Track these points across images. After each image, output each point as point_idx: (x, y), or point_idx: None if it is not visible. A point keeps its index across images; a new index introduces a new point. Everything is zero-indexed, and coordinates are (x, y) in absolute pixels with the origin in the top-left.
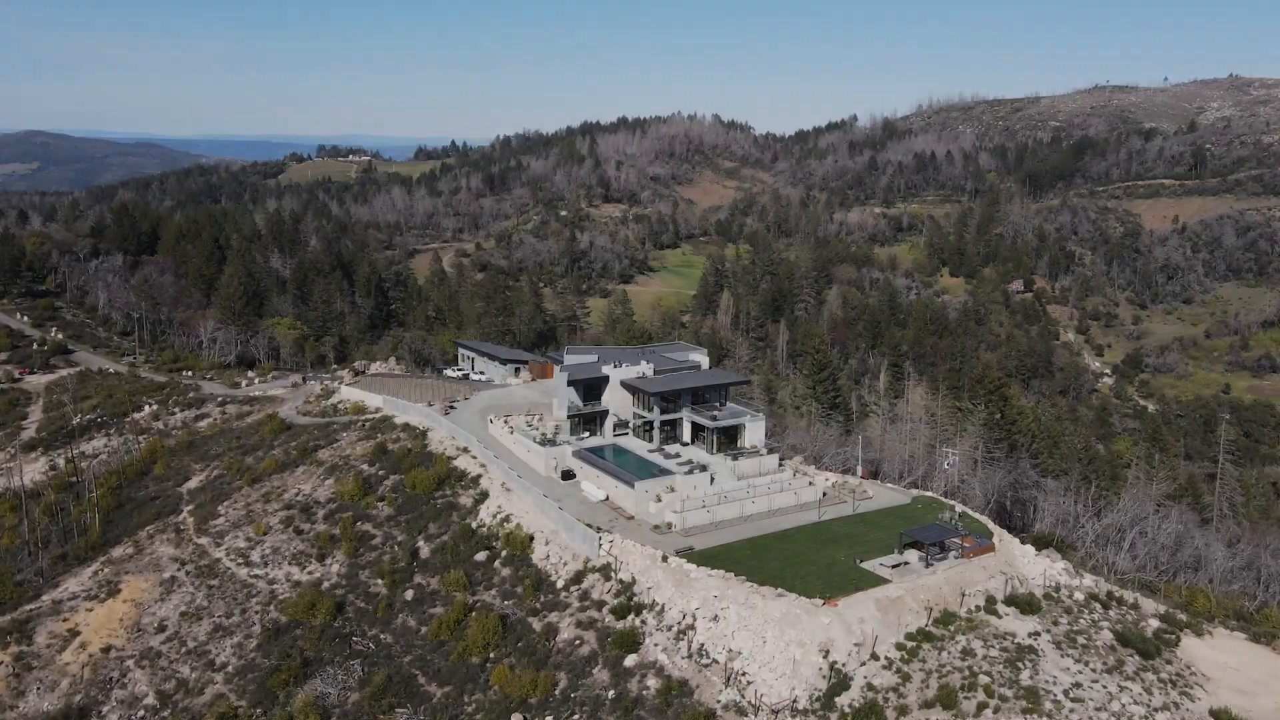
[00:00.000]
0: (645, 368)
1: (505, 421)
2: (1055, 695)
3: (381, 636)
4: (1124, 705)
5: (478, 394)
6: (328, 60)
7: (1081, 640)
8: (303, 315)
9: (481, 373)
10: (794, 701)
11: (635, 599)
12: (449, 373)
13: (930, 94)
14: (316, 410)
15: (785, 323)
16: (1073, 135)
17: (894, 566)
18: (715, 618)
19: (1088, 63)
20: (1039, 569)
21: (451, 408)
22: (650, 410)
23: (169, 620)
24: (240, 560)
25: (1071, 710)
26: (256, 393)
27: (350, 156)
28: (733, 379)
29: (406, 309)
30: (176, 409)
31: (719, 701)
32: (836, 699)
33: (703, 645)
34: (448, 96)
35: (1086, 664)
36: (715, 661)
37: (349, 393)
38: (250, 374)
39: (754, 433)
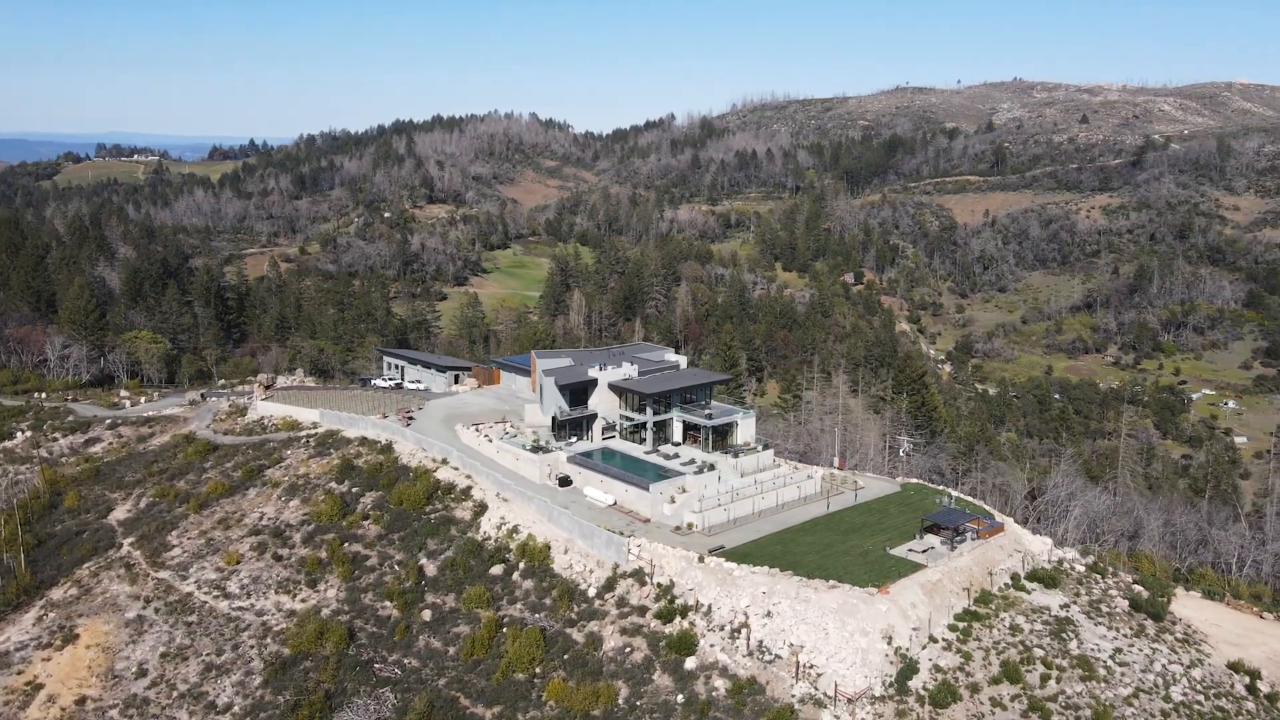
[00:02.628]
0: (630, 369)
1: (477, 430)
2: (1104, 661)
3: (406, 661)
4: (1165, 665)
5: (429, 404)
6: (92, 50)
7: (1104, 609)
8: (156, 328)
9: (417, 381)
10: (869, 689)
11: (677, 601)
12: (379, 383)
13: (744, 93)
14: (239, 428)
15: (640, 321)
16: (881, 134)
17: (923, 551)
18: (768, 614)
19: (888, 64)
20: (1042, 546)
21: (410, 419)
22: (641, 412)
23: (149, 663)
24: (216, 592)
25: (1122, 674)
26: (149, 412)
27: (136, 156)
28: (718, 378)
29: (249, 318)
30: (57, 434)
31: (793, 696)
32: (908, 683)
33: (761, 642)
34: (242, 93)
35: (1117, 630)
36: (778, 657)
37: (270, 408)
38: (123, 394)
39: (746, 430)
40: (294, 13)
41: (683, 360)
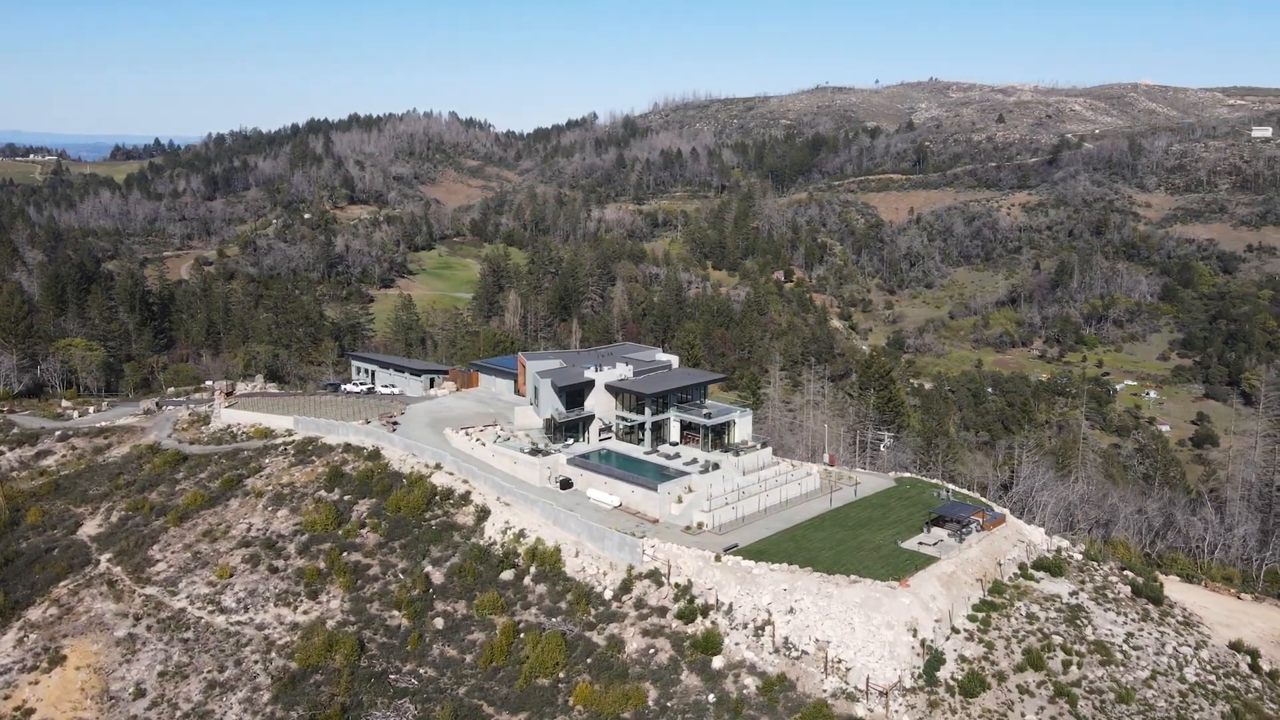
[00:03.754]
0: (625, 370)
1: (467, 433)
2: (1120, 646)
3: (421, 670)
4: (1175, 648)
5: (410, 408)
6: None
7: (1109, 595)
8: (89, 335)
9: (391, 386)
10: (900, 681)
11: (697, 601)
12: (349, 388)
13: (666, 92)
14: (205, 437)
15: (576, 321)
16: (804, 133)
17: (933, 544)
18: (791, 610)
19: (806, 64)
20: (1039, 535)
21: (395, 424)
22: (639, 412)
23: (146, 683)
24: (211, 607)
25: (1138, 657)
26: (102, 423)
27: (32, 156)
28: (713, 377)
29: (175, 324)
30: (3, 447)
31: (824, 691)
32: (936, 673)
33: (787, 638)
34: (145, 91)
35: (1124, 615)
36: (805, 653)
37: (236, 415)
38: (65, 404)
39: (743, 428)
40: (198, 9)
41: (674, 360)
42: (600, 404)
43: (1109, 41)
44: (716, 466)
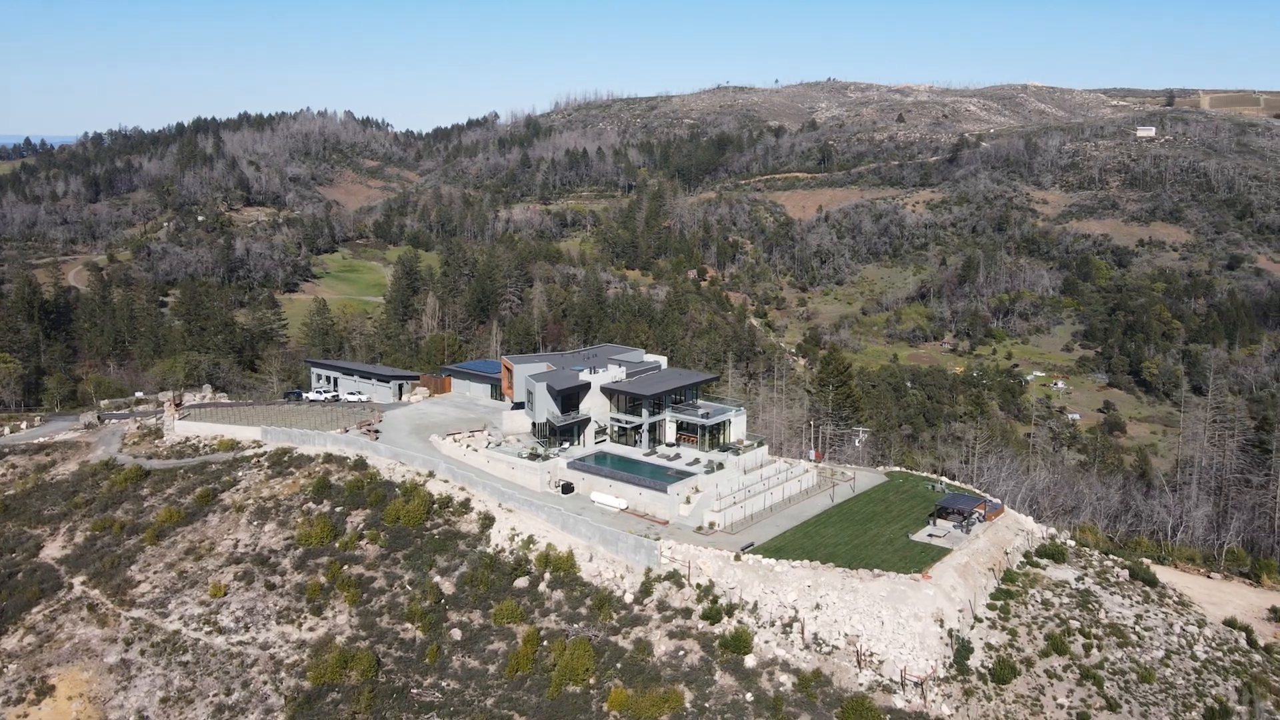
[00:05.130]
0: (618, 371)
1: (455, 440)
2: (1133, 628)
3: (443, 683)
4: (1182, 627)
5: (387, 415)
6: None
7: (1111, 579)
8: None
9: (357, 393)
10: (934, 672)
11: (720, 601)
12: (312, 396)
13: (567, 92)
14: (164, 451)
15: (496, 323)
16: (707, 132)
17: (943, 536)
18: (817, 606)
19: (706, 63)
20: (1033, 524)
21: (376, 432)
22: (636, 414)
23: (148, 710)
24: (208, 628)
25: (1150, 638)
26: (40, 439)
27: None
28: (705, 377)
29: (77, 333)
30: None
31: (860, 684)
32: (967, 662)
33: (816, 634)
34: (9, 88)
35: (1128, 598)
36: (836, 648)
37: (194, 428)
38: None
39: (738, 427)
40: (70, 5)
41: (663, 361)
42: (596, 406)
43: (998, 42)
44: (721, 466)
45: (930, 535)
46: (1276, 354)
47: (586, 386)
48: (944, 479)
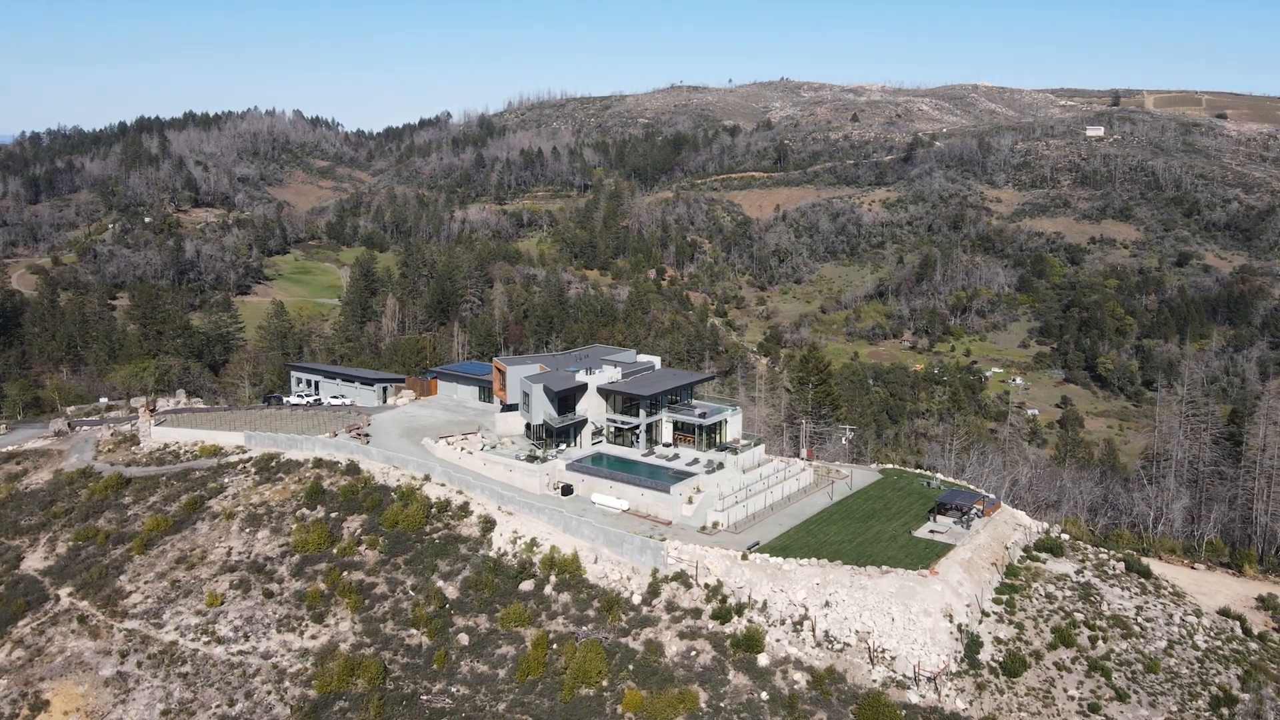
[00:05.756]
0: (614, 372)
1: (448, 442)
2: (1135, 619)
3: (453, 689)
4: (1181, 618)
5: (376, 419)
6: None
7: (1109, 571)
8: None
9: (340, 396)
10: (947, 667)
11: (729, 601)
12: (293, 400)
13: (521, 91)
14: (143, 458)
15: (457, 324)
16: (662, 131)
17: (944, 532)
18: (827, 604)
19: (659, 62)
20: (1027, 519)
21: (366, 436)
22: (633, 415)
23: None
24: (206, 638)
25: (1153, 629)
26: (9, 446)
27: None
28: (701, 376)
29: (26, 338)
30: None
31: (874, 681)
32: (978, 656)
33: (827, 632)
34: None
35: (1127, 590)
36: (848, 645)
37: (172, 434)
38: None
39: (734, 426)
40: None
41: (656, 361)
42: (593, 408)
43: (947, 42)
44: (721, 466)
45: (932, 531)
46: (1226, 348)
47: (583, 387)
48: (939, 475)
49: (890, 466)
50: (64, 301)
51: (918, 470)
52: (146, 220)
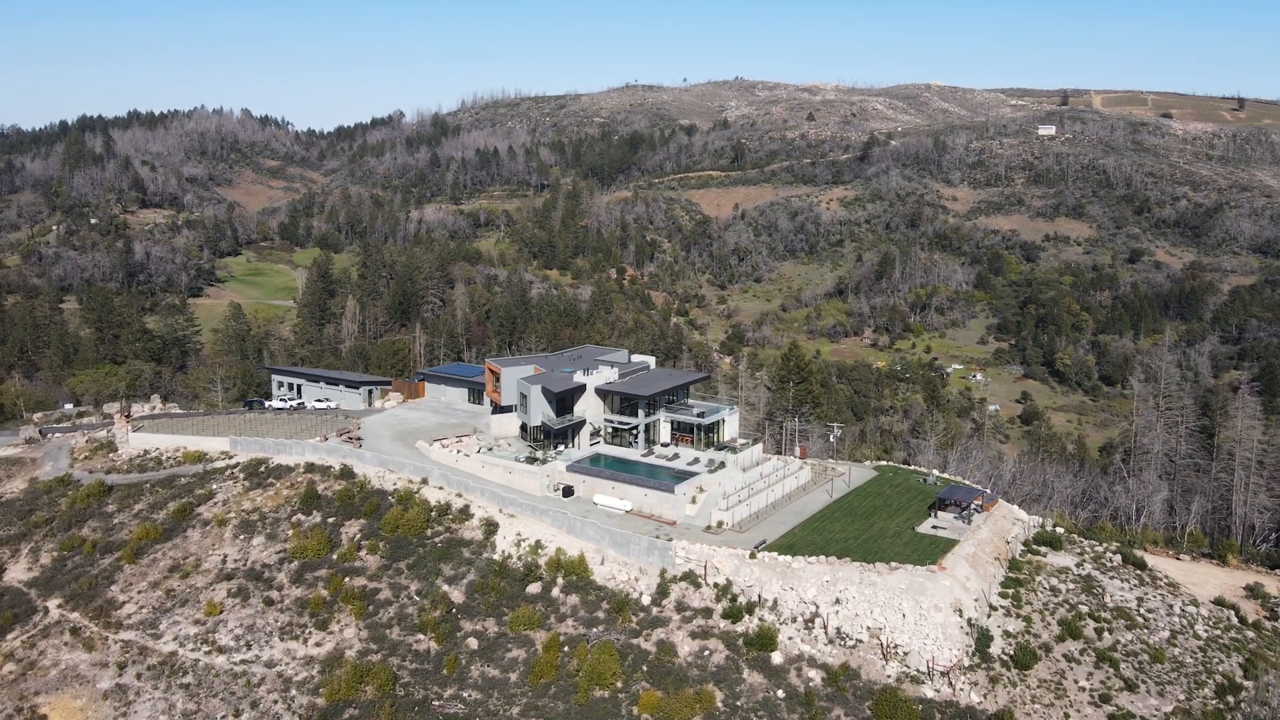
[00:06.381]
0: (611, 373)
1: (443, 445)
2: (1137, 610)
3: (465, 694)
4: (1181, 608)
5: (365, 422)
6: None
7: (1107, 563)
8: None
9: (325, 400)
10: (960, 661)
11: (739, 600)
12: (277, 404)
13: (474, 90)
14: (123, 465)
15: (419, 326)
16: (618, 130)
17: (946, 528)
18: (837, 601)
19: (613, 61)
20: (1023, 513)
21: (358, 440)
22: (632, 415)
23: None
24: (207, 647)
25: (1155, 619)
26: None
27: None
28: (697, 376)
29: None
30: None
31: (888, 676)
32: (989, 650)
33: (839, 629)
34: None
35: (1127, 581)
36: (860, 641)
37: (152, 440)
38: None
39: (731, 426)
40: None
41: (651, 361)
42: (591, 408)
43: (898, 42)
44: (723, 465)
45: (934, 527)
46: (1179, 343)
47: (581, 388)
48: (935, 472)
49: (884, 463)
50: (10, 305)
51: (912, 467)
52: (93, 222)
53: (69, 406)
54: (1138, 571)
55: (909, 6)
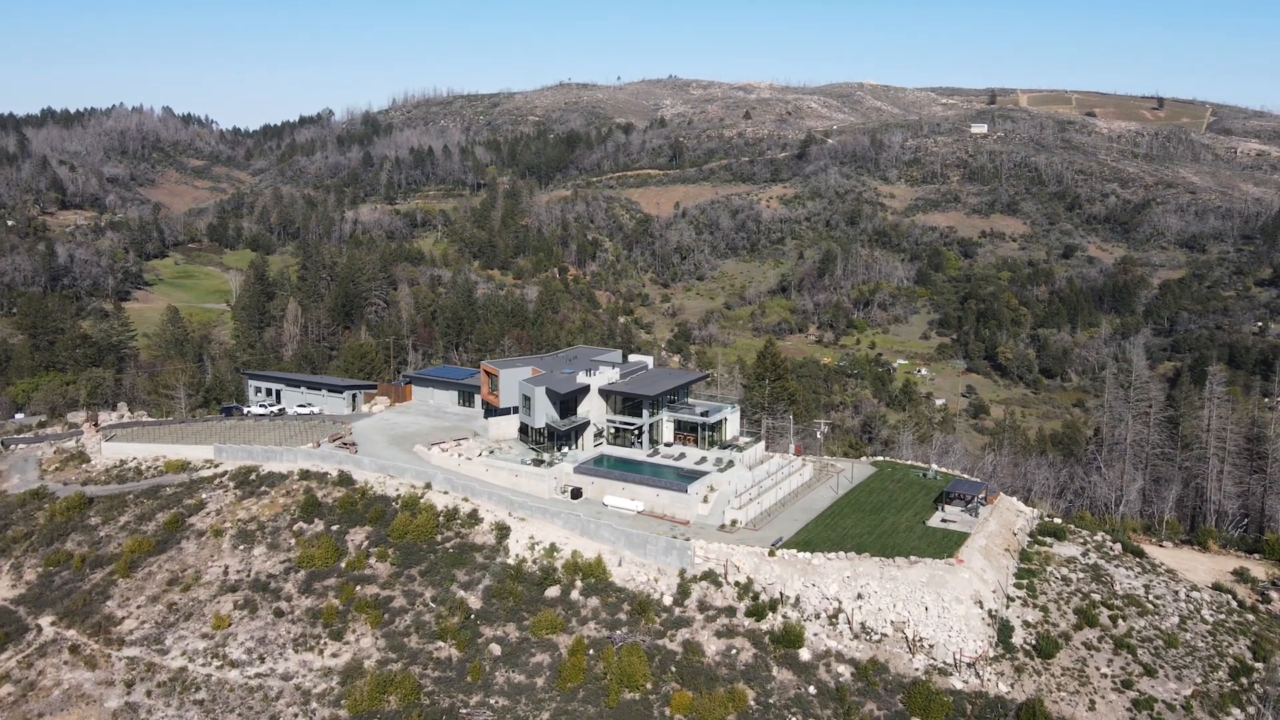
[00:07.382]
0: (612, 373)
1: (442, 449)
2: (1146, 597)
3: (492, 701)
4: (1186, 594)
5: (356, 427)
6: None
7: (1109, 552)
8: None
9: (307, 405)
10: (986, 652)
11: (761, 598)
12: (255, 410)
13: (405, 88)
14: (101, 476)
15: (364, 328)
16: (554, 129)
17: (955, 521)
18: (859, 596)
19: (546, 60)
20: (1023, 505)
21: (353, 445)
22: (636, 415)
23: None
24: (218, 662)
25: (1164, 605)
26: None
27: None
28: (696, 376)
29: None
30: None
31: (917, 669)
32: (1011, 640)
33: (864, 623)
34: None
35: (1131, 569)
36: (885, 635)
37: (128, 449)
38: None
39: (733, 424)
40: None
41: (649, 360)
42: (594, 409)
43: (830, 40)
44: (732, 464)
45: (943, 520)
46: (1114, 335)
47: (585, 389)
48: (934, 466)
49: (882, 459)
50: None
51: (910, 462)
52: (10, 223)
53: (19, 416)
54: (1139, 560)
55: (839, 4)
